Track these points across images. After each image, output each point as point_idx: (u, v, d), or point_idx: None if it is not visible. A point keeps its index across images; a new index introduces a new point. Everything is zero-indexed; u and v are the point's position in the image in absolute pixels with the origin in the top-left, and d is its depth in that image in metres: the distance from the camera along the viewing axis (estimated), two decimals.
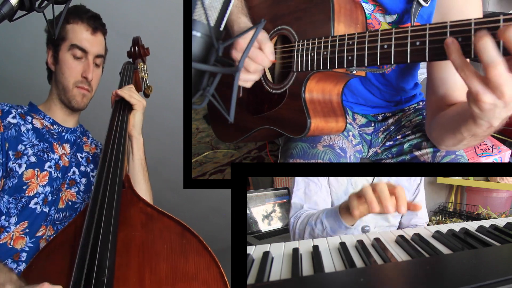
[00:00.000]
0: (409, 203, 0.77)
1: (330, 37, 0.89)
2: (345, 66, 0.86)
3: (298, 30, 1.02)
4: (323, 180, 1.17)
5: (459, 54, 0.66)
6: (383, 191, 0.75)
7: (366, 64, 0.81)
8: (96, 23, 1.17)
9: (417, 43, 0.72)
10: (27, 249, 1.01)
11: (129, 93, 1.15)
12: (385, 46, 0.77)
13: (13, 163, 1.03)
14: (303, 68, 0.97)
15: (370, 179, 1.13)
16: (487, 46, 0.61)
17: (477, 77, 0.66)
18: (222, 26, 0.70)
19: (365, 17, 0.98)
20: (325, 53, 0.90)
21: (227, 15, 0.70)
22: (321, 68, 0.92)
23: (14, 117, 1.09)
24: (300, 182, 1.19)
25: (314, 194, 1.16)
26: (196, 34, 0.67)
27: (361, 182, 1.18)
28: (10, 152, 1.04)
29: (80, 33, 1.14)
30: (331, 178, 1.18)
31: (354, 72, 0.96)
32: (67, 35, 1.14)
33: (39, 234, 1.03)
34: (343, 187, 1.19)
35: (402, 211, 0.75)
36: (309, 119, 0.99)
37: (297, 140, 1.14)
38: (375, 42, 0.79)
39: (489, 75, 0.63)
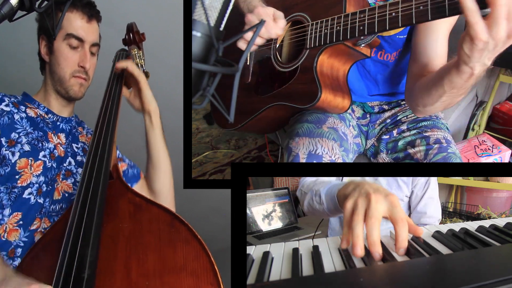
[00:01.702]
0: (411, 226, 0.70)
1: (342, 14, 0.98)
2: (356, 35, 0.95)
3: (312, 15, 1.10)
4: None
5: None
6: (373, 234, 0.66)
7: (376, 30, 0.91)
8: (92, 11, 1.14)
9: (421, 7, 0.83)
10: (21, 244, 0.99)
11: (134, 67, 1.15)
12: (393, 14, 0.87)
13: (6, 150, 1.01)
14: (316, 44, 1.04)
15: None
16: None
17: (482, 18, 0.72)
18: (222, 26, 0.70)
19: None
20: (338, 27, 0.99)
21: (227, 15, 0.70)
22: (334, 40, 1.00)
23: (7, 105, 1.07)
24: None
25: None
26: (196, 34, 0.67)
27: None
28: (3, 139, 1.02)
29: (75, 22, 1.11)
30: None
31: (362, 45, 1.03)
32: (62, 24, 1.10)
33: (33, 227, 1.01)
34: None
35: (400, 253, 0.67)
36: (320, 88, 1.05)
37: (303, 121, 1.18)
38: (384, 12, 0.89)
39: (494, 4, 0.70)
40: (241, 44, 1.02)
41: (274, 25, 1.03)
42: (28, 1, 0.68)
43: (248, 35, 1.00)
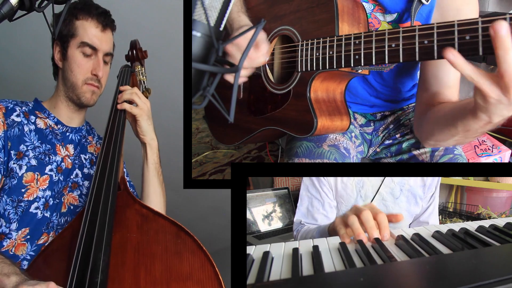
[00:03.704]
0: (389, 215, 0.81)
1: (335, 37, 0.90)
2: (352, 65, 0.87)
3: (301, 30, 1.02)
4: (326, 196, 1.18)
5: (465, 65, 0.68)
6: (369, 220, 0.78)
7: (374, 63, 0.82)
8: (106, 20, 1.14)
9: (425, 42, 0.73)
10: (28, 257, 1.00)
11: (130, 106, 1.11)
12: (393, 45, 0.78)
13: (14, 163, 1.02)
14: (307, 68, 0.97)
15: (377, 190, 1.16)
16: (506, 40, 0.63)
17: (485, 77, 0.68)
18: (222, 26, 0.70)
19: (366, 16, 0.98)
20: (331, 52, 0.90)
21: (227, 15, 0.70)
22: (327, 67, 0.92)
23: (18, 115, 1.07)
24: (304, 198, 1.21)
25: (316, 211, 1.17)
26: (196, 34, 0.67)
27: (371, 193, 1.18)
28: (12, 152, 1.02)
29: (90, 30, 1.11)
30: (340, 190, 1.19)
31: (359, 71, 0.96)
32: (77, 32, 1.11)
33: (40, 241, 1.02)
34: (352, 199, 1.19)
35: (385, 237, 0.77)
36: (316, 119, 0.99)
37: (302, 139, 1.14)
38: (383, 41, 0.80)
39: (502, 68, 0.64)
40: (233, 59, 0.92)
41: (255, 53, 0.93)
42: (28, 1, 0.68)
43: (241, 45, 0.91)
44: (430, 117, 0.99)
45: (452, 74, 1.00)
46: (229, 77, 0.89)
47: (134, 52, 1.27)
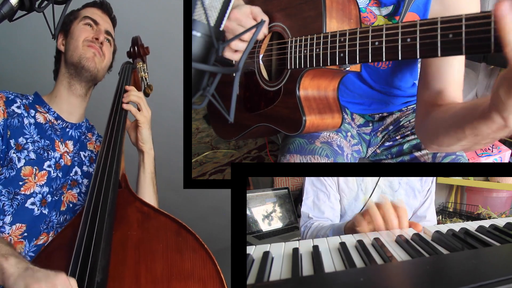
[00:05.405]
0: (411, 222, 0.81)
1: (322, 34, 0.89)
2: (337, 63, 0.86)
3: (291, 27, 1.02)
4: (331, 188, 1.18)
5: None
6: (389, 210, 0.79)
7: (358, 61, 0.81)
8: (106, 6, 1.24)
9: (408, 40, 0.71)
10: (28, 258, 0.97)
11: (135, 110, 1.13)
12: (376, 43, 0.76)
13: (13, 153, 1.00)
14: (297, 65, 0.96)
15: (376, 182, 1.15)
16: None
17: None
18: (222, 26, 0.70)
19: (359, 10, 0.97)
20: (317, 50, 0.90)
21: (227, 15, 0.70)
22: (314, 65, 0.91)
23: (18, 107, 1.06)
24: (309, 191, 1.20)
25: (322, 203, 1.17)
26: (196, 34, 0.67)
27: (371, 186, 1.18)
28: (12, 141, 1.01)
29: (91, 10, 1.21)
30: (341, 184, 1.19)
31: (348, 68, 0.95)
32: (79, 14, 1.20)
33: (40, 242, 1.00)
34: (354, 193, 1.19)
35: (405, 226, 0.81)
36: (304, 117, 0.98)
37: (295, 136, 1.14)
38: (366, 38, 0.78)
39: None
40: (228, 54, 0.95)
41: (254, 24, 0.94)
42: (28, 1, 0.68)
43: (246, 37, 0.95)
44: (436, 117, 0.90)
45: (456, 70, 0.93)
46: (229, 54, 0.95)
47: (136, 48, 1.28)
